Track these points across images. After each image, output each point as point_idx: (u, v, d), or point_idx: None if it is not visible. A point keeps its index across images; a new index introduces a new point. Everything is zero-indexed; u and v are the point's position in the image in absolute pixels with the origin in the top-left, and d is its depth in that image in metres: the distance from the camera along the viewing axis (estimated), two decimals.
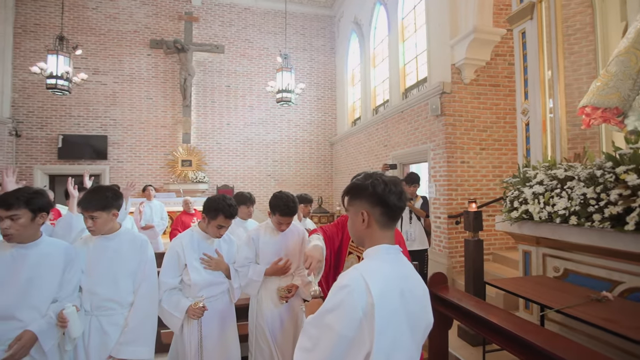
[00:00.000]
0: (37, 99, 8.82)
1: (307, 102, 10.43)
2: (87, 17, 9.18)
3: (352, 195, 1.28)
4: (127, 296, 2.00)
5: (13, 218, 1.70)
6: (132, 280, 2.02)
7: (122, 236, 2.06)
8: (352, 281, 1.04)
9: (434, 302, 2.79)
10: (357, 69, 9.41)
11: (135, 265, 2.03)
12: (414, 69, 6.54)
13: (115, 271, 1.98)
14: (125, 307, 2.00)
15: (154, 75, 9.50)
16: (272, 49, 10.13)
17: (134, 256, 2.04)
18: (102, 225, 1.95)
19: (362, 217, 1.23)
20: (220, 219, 2.21)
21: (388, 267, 1.17)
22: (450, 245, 4.98)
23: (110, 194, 1.98)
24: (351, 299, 1.01)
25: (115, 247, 2.01)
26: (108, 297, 1.95)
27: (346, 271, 1.14)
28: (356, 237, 1.30)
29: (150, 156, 9.39)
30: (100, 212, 1.92)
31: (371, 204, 1.22)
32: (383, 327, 1.00)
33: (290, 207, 2.42)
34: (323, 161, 10.58)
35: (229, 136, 9.90)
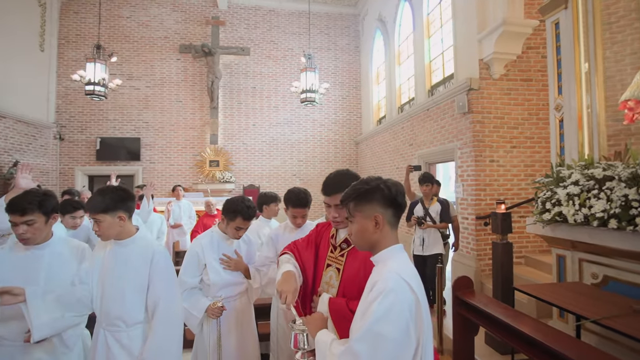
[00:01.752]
0: (78, 105, 9.38)
1: (331, 101, 10.40)
2: (121, 26, 9.64)
3: (360, 200, 1.22)
4: (134, 314, 1.77)
5: (29, 223, 1.74)
6: (141, 297, 1.78)
7: (133, 244, 1.84)
8: (395, 284, 1.04)
9: (458, 306, 2.69)
10: (381, 67, 9.27)
11: (144, 280, 1.79)
12: (440, 66, 6.34)
13: (122, 284, 1.77)
14: (131, 327, 1.77)
15: (183, 78, 9.83)
16: (296, 49, 10.19)
17: (143, 269, 1.79)
18: (107, 229, 1.76)
19: (376, 220, 1.19)
20: (238, 221, 2.23)
21: (409, 264, 1.22)
22: (479, 248, 4.78)
23: (114, 196, 1.77)
24: (400, 301, 1.02)
25: (125, 256, 1.81)
26: (114, 311, 1.76)
27: (378, 275, 1.13)
28: (365, 243, 1.24)
29: (180, 157, 9.73)
30: (103, 214, 1.73)
31: (384, 206, 1.20)
32: (426, 321, 1.07)
33: (301, 198, 2.46)
34: (348, 161, 10.51)
35: (255, 136, 10.06)
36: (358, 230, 1.23)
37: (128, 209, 1.83)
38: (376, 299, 1.03)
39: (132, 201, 1.86)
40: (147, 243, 1.87)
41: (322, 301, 1.64)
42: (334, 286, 1.68)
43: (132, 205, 1.87)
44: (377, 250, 1.23)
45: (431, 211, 4.30)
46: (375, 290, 1.05)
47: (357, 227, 1.23)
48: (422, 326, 1.06)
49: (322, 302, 1.63)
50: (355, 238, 1.26)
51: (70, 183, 9.13)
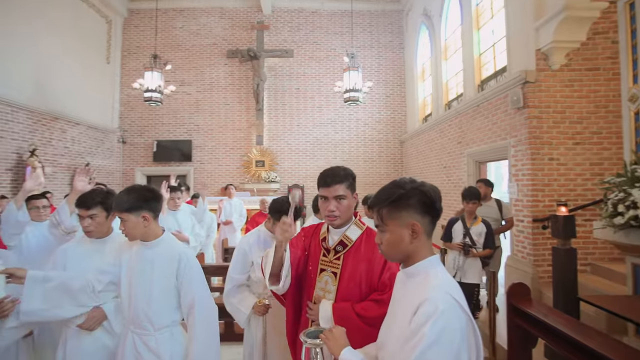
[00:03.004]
0: (137, 111, 10.17)
1: (375, 100, 10.25)
2: (175, 36, 10.29)
3: (396, 206, 1.08)
4: (161, 317, 1.76)
5: (92, 217, 1.97)
6: (168, 300, 1.77)
7: (159, 246, 1.81)
8: (446, 304, 0.95)
9: (514, 316, 2.51)
10: (427, 63, 8.95)
11: (170, 283, 1.77)
12: (490, 59, 5.98)
13: (149, 286, 1.76)
14: (159, 331, 1.75)
15: (230, 82, 10.26)
16: (339, 49, 10.17)
17: (169, 271, 1.77)
18: (132, 229, 1.74)
19: (412, 229, 1.07)
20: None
21: (451, 278, 1.10)
22: (536, 253, 4.43)
23: (138, 195, 1.76)
24: (452, 324, 0.94)
25: (151, 258, 1.79)
26: (142, 314, 1.75)
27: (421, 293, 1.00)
28: (399, 254, 1.11)
29: (228, 158, 10.16)
30: (127, 214, 1.72)
31: (421, 213, 1.08)
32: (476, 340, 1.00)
33: None
34: (392, 160, 10.29)
35: (299, 137, 10.22)
36: (392, 241, 1.10)
37: (152, 209, 1.79)
38: (426, 322, 0.93)
39: (156, 202, 1.84)
40: (173, 245, 1.86)
41: (324, 308, 1.56)
42: (330, 291, 1.61)
43: (156, 206, 1.83)
44: (411, 262, 1.10)
45: (473, 233, 3.66)
46: (425, 313, 0.94)
47: (391, 237, 1.10)
48: (472, 346, 0.98)
49: (324, 309, 1.56)
50: (387, 248, 1.13)
51: (131, 183, 9.91)
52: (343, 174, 1.66)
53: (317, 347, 1.21)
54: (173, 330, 1.81)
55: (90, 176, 2.50)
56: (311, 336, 1.25)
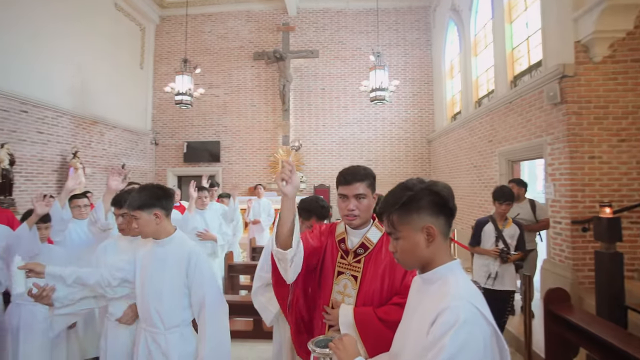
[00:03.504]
0: (168, 113, 10.56)
1: (402, 99, 10.09)
2: (203, 40, 10.59)
3: (406, 209, 1.01)
4: (171, 316, 1.75)
5: (124, 215, 2.09)
6: (178, 299, 1.77)
7: (170, 244, 1.81)
8: (468, 314, 0.87)
9: (552, 323, 2.39)
10: (455, 59, 8.70)
11: (180, 281, 1.76)
12: (524, 53, 5.72)
13: (160, 285, 1.76)
14: (169, 330, 1.75)
15: (257, 84, 10.43)
16: (364, 48, 10.10)
17: (179, 270, 1.76)
18: (144, 226, 1.76)
19: (427, 232, 1.00)
20: (313, 221, 2.27)
21: (473, 285, 1.01)
22: (576, 257, 4.19)
23: (150, 193, 1.77)
24: (474, 335, 0.87)
25: (162, 256, 1.79)
26: (153, 312, 1.75)
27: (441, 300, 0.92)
28: (416, 261, 1.04)
29: (255, 158, 10.34)
30: (139, 211, 1.73)
31: (435, 214, 1.01)
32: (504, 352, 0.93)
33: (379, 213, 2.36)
34: (420, 159, 10.09)
35: (325, 137, 10.23)
36: (407, 248, 1.02)
37: (164, 207, 1.79)
38: (447, 333, 0.86)
39: (168, 200, 1.83)
40: (184, 243, 1.83)
41: (345, 313, 1.49)
42: (350, 295, 1.55)
43: (168, 204, 1.82)
44: (430, 267, 1.03)
45: (506, 235, 3.37)
46: (444, 322, 0.88)
47: (405, 244, 1.02)
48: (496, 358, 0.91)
49: (345, 314, 1.48)
50: (402, 256, 1.05)
51: (163, 183, 10.29)
52: (363, 172, 1.63)
53: (327, 357, 1.15)
54: (183, 330, 1.79)
55: (123, 175, 2.60)
56: (320, 345, 1.19)
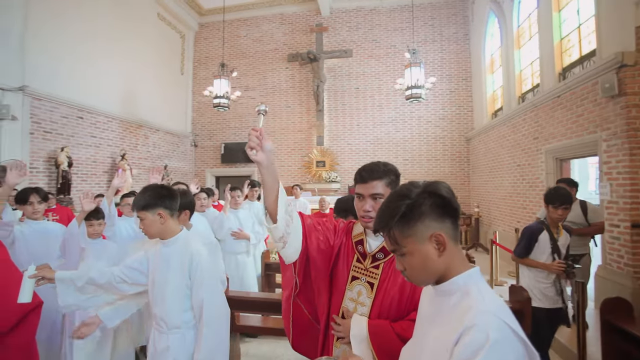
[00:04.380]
0: (207, 116, 10.98)
1: (439, 96, 9.79)
2: (239, 45, 10.90)
3: (406, 220, 0.90)
4: (173, 317, 1.74)
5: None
6: (180, 300, 1.75)
7: (175, 244, 1.81)
8: (499, 333, 0.77)
9: (611, 335, 2.20)
10: (496, 53, 8.30)
11: (183, 282, 1.75)
12: (574, 43, 5.34)
13: (164, 285, 1.77)
14: (172, 331, 1.75)
15: (291, 85, 10.57)
16: (399, 45, 9.91)
17: (181, 270, 1.75)
18: (149, 226, 1.76)
19: (437, 241, 0.89)
20: (349, 219, 2.26)
21: (498, 297, 0.90)
22: (636, 264, 3.84)
23: (153, 193, 1.77)
24: (507, 356, 0.77)
25: (167, 256, 1.80)
26: (158, 311, 1.78)
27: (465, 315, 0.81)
28: (431, 275, 0.92)
29: (290, 158, 10.48)
30: (144, 212, 1.74)
31: (440, 219, 0.90)
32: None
33: None
34: (458, 158, 9.74)
35: (359, 136, 10.16)
36: (417, 263, 0.91)
37: (168, 206, 1.78)
38: (475, 355, 0.76)
39: (172, 199, 1.81)
40: (188, 243, 1.81)
41: (357, 324, 1.33)
42: (364, 304, 1.39)
43: (172, 204, 1.81)
44: (445, 278, 0.92)
45: (560, 244, 2.83)
46: (472, 343, 0.77)
47: (414, 260, 0.91)
48: None
49: (358, 326, 1.32)
50: (413, 273, 0.93)
51: (202, 183, 10.71)
52: (383, 169, 1.45)
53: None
54: (185, 333, 1.76)
55: (162, 175, 2.78)
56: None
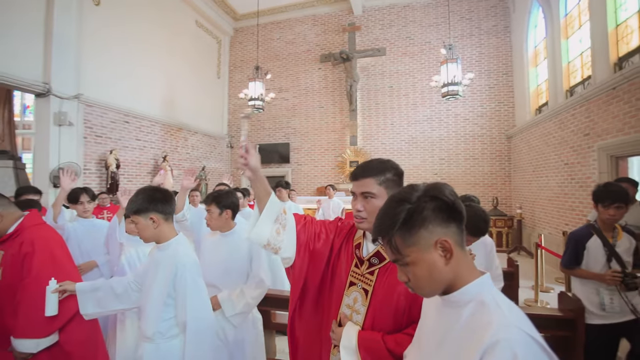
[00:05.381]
0: None
1: (477, 92, 9.41)
2: (273, 47, 11.09)
3: (408, 227, 0.83)
4: (149, 325, 1.67)
5: (208, 211, 2.27)
6: (158, 308, 1.67)
7: (167, 249, 1.74)
8: (524, 348, 0.70)
9: None
10: (541, 44, 7.84)
11: (164, 290, 1.67)
12: (634, 28, 4.92)
13: (149, 289, 1.71)
14: (146, 340, 1.68)
15: (324, 86, 10.60)
16: (434, 41, 9.64)
17: (165, 278, 1.68)
18: (142, 231, 1.71)
19: (443, 248, 0.82)
20: None
21: (515, 306, 0.81)
22: None
23: (145, 197, 1.72)
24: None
25: (157, 261, 1.75)
26: (141, 317, 1.75)
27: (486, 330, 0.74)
28: (439, 285, 0.85)
29: (323, 159, 10.52)
30: (136, 216, 1.69)
31: (444, 223, 0.83)
32: None
33: (481, 228, 2.06)
34: (498, 157, 9.31)
35: (393, 136, 10.00)
36: (422, 273, 0.83)
37: (160, 210, 1.72)
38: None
39: (166, 203, 1.75)
40: (176, 251, 1.73)
41: (348, 335, 1.24)
42: (359, 312, 1.29)
43: (165, 208, 1.75)
44: (454, 288, 0.85)
45: (620, 250, 2.38)
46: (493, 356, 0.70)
47: (419, 269, 0.83)
48: None
49: (348, 336, 1.24)
50: (418, 284, 0.85)
51: (237, 183, 11.00)
52: (376, 166, 1.34)
53: None
54: (159, 342, 1.67)
55: (195, 176, 2.94)
56: None
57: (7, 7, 5.32)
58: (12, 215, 1.98)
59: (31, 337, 1.81)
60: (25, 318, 1.81)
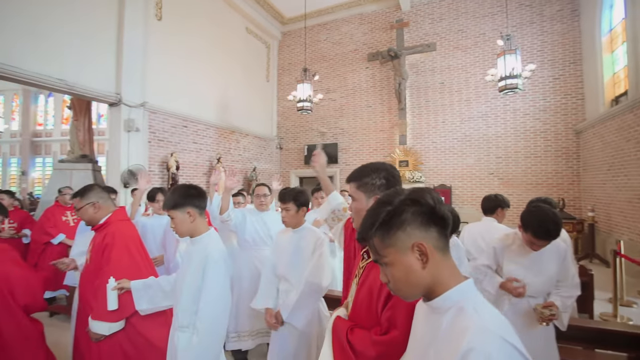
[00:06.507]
0: (291, 120, 11.50)
1: (539, 85, 8.69)
2: (320, 49, 11.18)
3: (387, 229, 0.85)
4: (183, 316, 1.78)
5: (287, 209, 2.35)
6: (192, 300, 1.76)
7: (200, 243, 1.84)
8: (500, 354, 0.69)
9: None
10: (619, 27, 7.02)
11: (196, 283, 1.76)
12: None
13: (182, 282, 1.82)
14: (180, 329, 1.78)
15: (371, 85, 10.46)
16: (489, 33, 9.07)
17: (197, 271, 1.77)
18: (179, 225, 1.80)
19: (419, 252, 0.83)
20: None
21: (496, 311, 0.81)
22: None
23: (182, 192, 1.82)
24: None
25: (191, 254, 1.84)
26: (175, 307, 1.88)
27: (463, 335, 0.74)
28: (416, 289, 0.86)
29: (371, 159, 10.31)
30: (174, 210, 1.79)
31: (423, 227, 0.84)
32: None
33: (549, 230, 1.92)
34: (565, 155, 8.50)
35: (445, 134, 9.57)
36: (400, 275, 0.85)
37: (196, 205, 1.82)
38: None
39: (201, 199, 1.87)
40: (207, 245, 1.82)
41: (332, 318, 1.39)
42: (350, 302, 1.40)
43: (201, 203, 1.86)
44: (437, 293, 0.85)
45: None
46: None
47: (396, 271, 0.85)
48: None
49: (331, 319, 1.39)
50: (397, 286, 0.87)
51: (287, 183, 11.26)
52: (358, 173, 1.46)
53: None
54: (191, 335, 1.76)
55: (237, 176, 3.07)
56: None
57: (86, 27, 5.93)
58: (107, 209, 2.28)
59: (104, 320, 2.02)
60: (101, 303, 2.02)
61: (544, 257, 2.08)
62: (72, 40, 5.70)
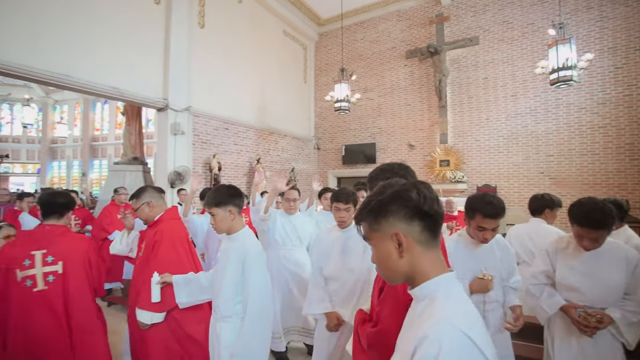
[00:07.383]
0: (328, 120, 11.53)
1: (596, 76, 7.99)
2: (357, 48, 11.10)
3: (375, 216, 0.94)
4: (225, 307, 1.93)
5: (347, 210, 2.38)
6: (232, 292, 1.91)
7: (238, 240, 1.98)
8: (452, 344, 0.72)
9: None
10: None
11: (235, 277, 1.91)
12: None
13: (222, 275, 1.96)
14: (223, 319, 1.93)
15: (410, 83, 10.20)
16: (539, 22, 8.48)
17: (236, 265, 1.91)
18: (220, 222, 1.94)
19: (397, 241, 0.90)
20: (478, 219, 2.00)
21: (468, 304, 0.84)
22: None
23: (225, 191, 1.97)
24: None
25: (229, 250, 1.98)
26: (216, 300, 1.99)
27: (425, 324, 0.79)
28: (394, 273, 0.93)
29: (411, 158, 10.12)
30: (216, 208, 1.93)
31: (406, 220, 0.90)
32: None
33: (595, 218, 1.82)
34: (629, 151, 7.73)
35: (489, 132, 9.10)
36: (380, 258, 0.95)
37: (237, 204, 1.98)
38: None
39: (240, 198, 2.01)
40: (246, 241, 1.97)
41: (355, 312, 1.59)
42: None
43: (240, 202, 2.01)
44: (416, 283, 0.91)
45: None
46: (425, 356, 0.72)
47: (377, 253, 0.95)
48: None
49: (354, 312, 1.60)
50: (378, 267, 0.97)
51: (325, 184, 11.30)
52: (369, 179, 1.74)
53: None
54: (236, 321, 1.92)
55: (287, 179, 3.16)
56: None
57: (136, 40, 6.39)
58: (160, 208, 2.48)
59: (148, 310, 2.19)
60: (147, 293, 2.19)
61: (603, 264, 1.91)
62: (124, 52, 6.19)
